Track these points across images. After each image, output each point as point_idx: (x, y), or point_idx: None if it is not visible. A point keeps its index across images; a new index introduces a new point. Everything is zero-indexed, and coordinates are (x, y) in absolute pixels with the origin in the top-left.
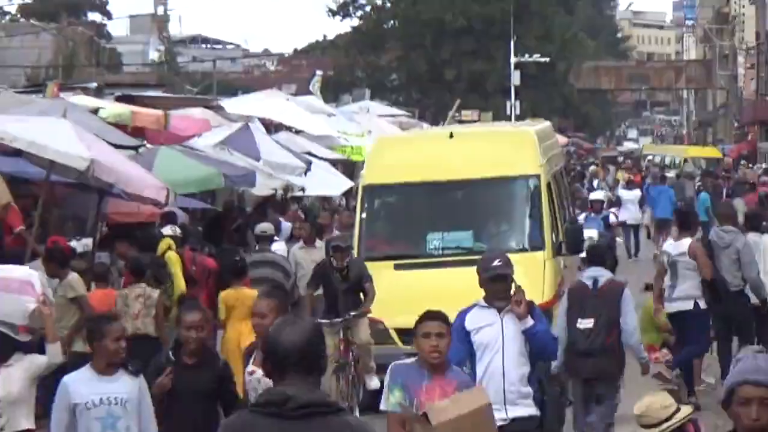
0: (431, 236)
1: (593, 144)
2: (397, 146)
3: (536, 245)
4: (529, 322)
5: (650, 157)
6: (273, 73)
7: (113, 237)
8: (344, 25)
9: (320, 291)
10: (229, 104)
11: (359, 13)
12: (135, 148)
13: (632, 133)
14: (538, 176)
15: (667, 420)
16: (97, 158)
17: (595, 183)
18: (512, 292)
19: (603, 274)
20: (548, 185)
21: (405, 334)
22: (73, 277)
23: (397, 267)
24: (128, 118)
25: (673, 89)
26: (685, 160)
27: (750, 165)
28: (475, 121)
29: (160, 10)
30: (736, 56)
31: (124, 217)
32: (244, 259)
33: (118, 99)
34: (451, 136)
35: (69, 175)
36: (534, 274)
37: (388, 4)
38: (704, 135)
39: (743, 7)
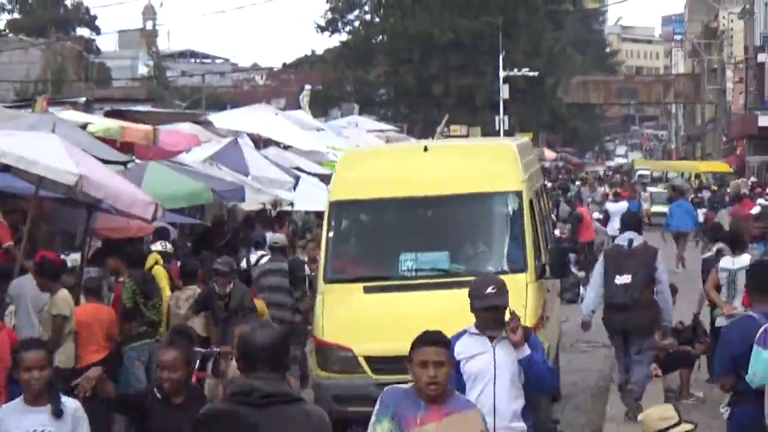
0: (404, 257)
1: (582, 159)
2: (367, 161)
3: (518, 267)
4: (526, 350)
5: (640, 172)
6: (262, 87)
7: (104, 252)
8: (333, 40)
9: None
10: (218, 118)
11: (348, 28)
12: (124, 163)
13: (620, 150)
14: (519, 193)
15: None
16: (86, 173)
17: (583, 196)
18: (507, 318)
19: (636, 238)
20: (530, 203)
21: (375, 362)
22: (61, 294)
23: (366, 290)
24: (117, 133)
25: (662, 104)
26: (681, 175)
27: (738, 179)
28: (464, 136)
29: (149, 25)
30: (724, 70)
31: (114, 232)
32: (249, 271)
33: (107, 114)
34: (426, 149)
35: (58, 190)
36: (516, 298)
37: (377, 20)
38: (693, 149)
39: (732, 21)
